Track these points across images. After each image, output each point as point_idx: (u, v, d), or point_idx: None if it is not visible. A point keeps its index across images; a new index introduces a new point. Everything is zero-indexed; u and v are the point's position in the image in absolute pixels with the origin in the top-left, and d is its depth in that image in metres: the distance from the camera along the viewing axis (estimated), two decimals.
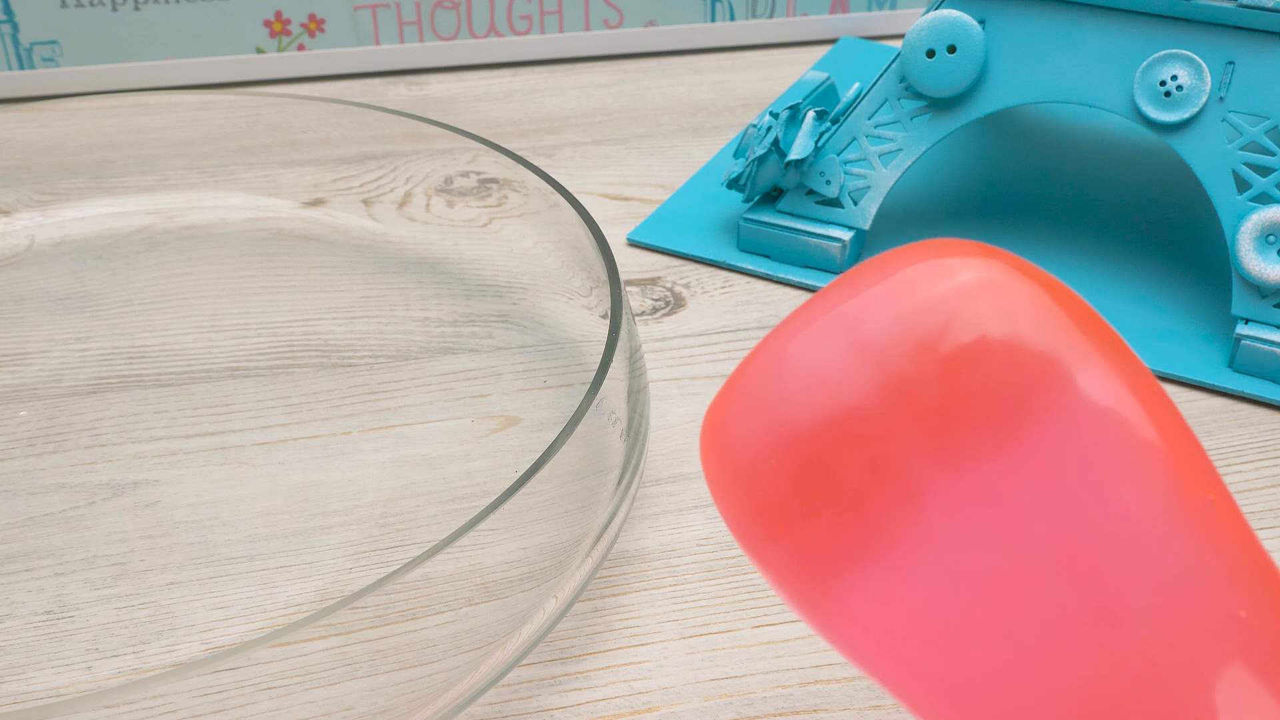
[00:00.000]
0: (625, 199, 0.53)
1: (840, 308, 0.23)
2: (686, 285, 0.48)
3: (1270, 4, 0.40)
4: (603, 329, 0.40)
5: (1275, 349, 0.42)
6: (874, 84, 0.46)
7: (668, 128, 0.59)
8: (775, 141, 0.46)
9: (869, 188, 0.46)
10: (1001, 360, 0.22)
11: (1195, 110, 0.42)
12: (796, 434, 0.23)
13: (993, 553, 0.22)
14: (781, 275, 0.48)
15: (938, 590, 0.23)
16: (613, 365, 0.33)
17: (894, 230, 0.50)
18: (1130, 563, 0.22)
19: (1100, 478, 0.22)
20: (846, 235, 0.47)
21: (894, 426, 0.22)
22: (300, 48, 0.63)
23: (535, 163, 0.55)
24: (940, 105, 0.45)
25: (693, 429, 0.40)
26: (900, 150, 0.46)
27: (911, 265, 0.23)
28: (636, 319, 0.46)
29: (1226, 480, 0.39)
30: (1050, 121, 0.58)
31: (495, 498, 0.29)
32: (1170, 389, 0.43)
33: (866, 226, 0.47)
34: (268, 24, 0.62)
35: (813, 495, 0.23)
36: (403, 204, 0.51)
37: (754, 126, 0.47)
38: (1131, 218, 0.51)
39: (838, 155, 0.47)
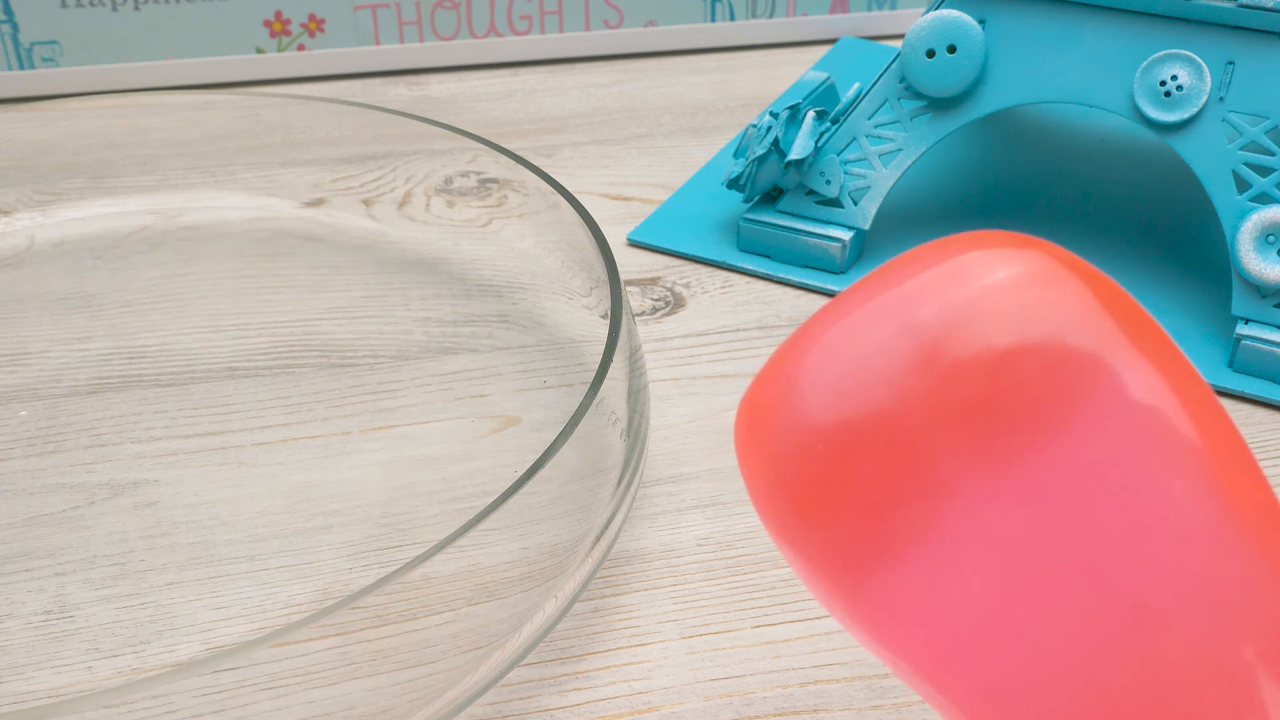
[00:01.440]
0: (625, 199, 0.53)
1: (882, 296, 0.23)
2: (686, 285, 0.48)
3: (1270, 4, 0.40)
4: (603, 329, 0.40)
5: (1275, 349, 0.42)
6: (874, 84, 0.46)
7: (668, 128, 0.59)
8: (775, 141, 0.46)
9: (869, 188, 0.46)
10: (1044, 355, 0.22)
11: (1195, 110, 0.42)
12: (835, 423, 0.23)
13: (1031, 549, 0.22)
14: (781, 275, 0.48)
15: (974, 586, 0.22)
16: (613, 365, 0.33)
17: (894, 230, 0.50)
18: (1173, 562, 0.22)
19: (1142, 475, 0.22)
20: (846, 235, 0.47)
21: (935, 418, 0.22)
22: (300, 48, 0.63)
23: (535, 163, 0.55)
24: (940, 105, 0.45)
25: (693, 429, 0.40)
26: (900, 150, 0.46)
27: (956, 256, 0.23)
28: (636, 319, 0.46)
29: None
30: (1050, 121, 0.58)
31: (495, 498, 0.29)
32: None
33: (866, 226, 0.47)
34: (268, 24, 0.62)
35: (851, 486, 0.23)
36: (403, 204, 0.51)
37: (754, 126, 0.47)
38: (1131, 218, 0.51)
39: (838, 155, 0.47)
